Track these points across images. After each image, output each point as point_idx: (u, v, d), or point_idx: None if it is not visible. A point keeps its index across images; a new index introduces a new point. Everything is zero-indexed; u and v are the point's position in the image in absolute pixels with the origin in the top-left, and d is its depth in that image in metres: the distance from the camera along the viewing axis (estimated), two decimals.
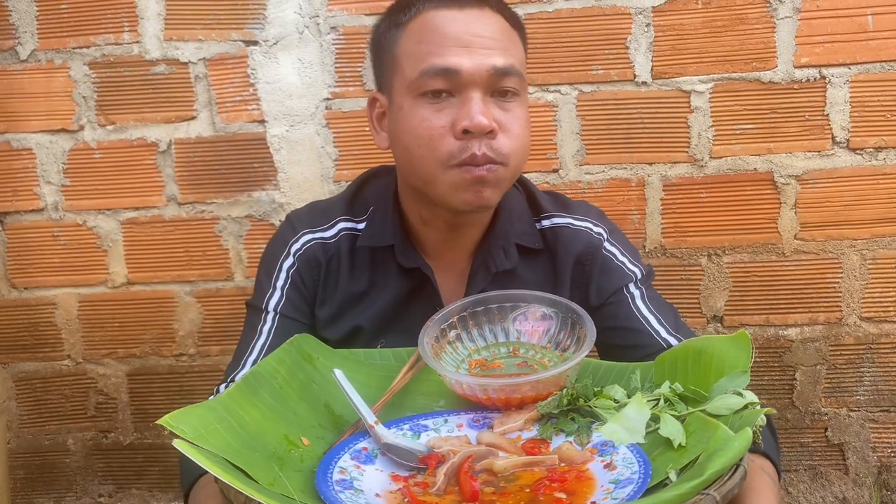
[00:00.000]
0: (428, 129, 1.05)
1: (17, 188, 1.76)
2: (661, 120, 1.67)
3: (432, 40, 1.05)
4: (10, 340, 1.81)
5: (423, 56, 1.05)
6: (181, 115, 1.72)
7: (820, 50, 1.62)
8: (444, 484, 0.80)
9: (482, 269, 1.15)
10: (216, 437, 0.80)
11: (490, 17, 1.07)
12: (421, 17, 1.07)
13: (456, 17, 1.05)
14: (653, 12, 1.63)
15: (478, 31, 1.05)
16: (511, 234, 1.17)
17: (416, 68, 1.05)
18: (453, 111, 1.05)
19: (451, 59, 1.03)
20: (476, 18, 1.06)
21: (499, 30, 1.07)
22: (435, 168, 1.06)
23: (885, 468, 1.75)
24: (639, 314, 1.15)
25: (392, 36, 1.10)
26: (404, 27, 1.09)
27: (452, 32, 1.05)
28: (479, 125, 1.03)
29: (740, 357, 0.88)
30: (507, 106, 1.07)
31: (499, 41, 1.06)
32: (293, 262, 1.19)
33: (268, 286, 1.20)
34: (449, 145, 1.04)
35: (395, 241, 1.16)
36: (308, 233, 1.20)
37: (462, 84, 1.04)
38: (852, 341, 1.72)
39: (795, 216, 1.68)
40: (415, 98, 1.06)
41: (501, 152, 1.05)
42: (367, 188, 1.24)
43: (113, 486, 1.86)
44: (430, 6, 1.07)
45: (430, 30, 1.06)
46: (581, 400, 0.91)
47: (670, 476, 0.77)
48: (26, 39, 1.70)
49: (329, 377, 0.99)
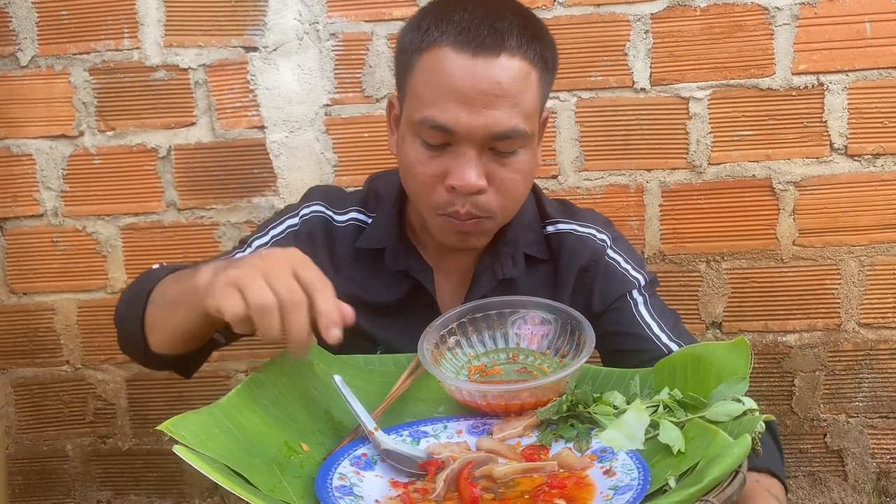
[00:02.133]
0: (421, 173, 1.05)
1: (17, 194, 1.76)
2: (660, 126, 1.67)
3: (436, 88, 1.01)
4: (9, 346, 1.81)
5: (424, 102, 1.02)
6: (181, 121, 1.72)
7: (818, 57, 1.63)
8: (443, 490, 0.80)
9: (487, 274, 1.15)
10: (216, 443, 0.80)
11: (505, 64, 1.00)
12: (434, 51, 1.02)
13: (466, 65, 1.00)
14: (651, 19, 1.64)
15: (484, 86, 1.00)
16: (520, 243, 1.17)
17: (418, 112, 1.03)
18: (446, 161, 1.03)
19: (448, 115, 1.00)
20: (487, 69, 1.00)
21: (511, 80, 1.01)
22: (425, 209, 1.09)
23: (883, 474, 1.75)
24: (641, 320, 1.15)
25: (408, 59, 1.06)
26: (419, 55, 1.04)
27: (457, 85, 1.00)
28: (466, 186, 1.02)
29: (739, 363, 0.88)
30: (505, 161, 1.04)
31: (506, 97, 1.01)
32: (297, 223, 1.19)
33: (261, 231, 1.20)
34: (437, 196, 1.05)
35: (386, 244, 1.17)
36: (323, 206, 1.20)
37: (457, 139, 1.02)
38: (851, 347, 1.72)
39: (794, 222, 1.69)
40: (414, 136, 1.05)
41: (487, 208, 1.05)
42: (377, 185, 1.24)
43: (111, 492, 1.86)
44: (446, 41, 1.01)
45: (437, 73, 1.01)
46: (580, 406, 0.91)
47: (669, 482, 0.77)
48: (27, 45, 1.71)
49: (328, 383, 0.99)
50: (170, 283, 1.03)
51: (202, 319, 0.93)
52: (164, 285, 1.04)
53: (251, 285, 0.81)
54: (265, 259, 0.85)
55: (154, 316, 1.03)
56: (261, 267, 0.83)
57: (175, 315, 0.99)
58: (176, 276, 1.04)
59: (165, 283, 1.04)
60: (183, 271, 1.04)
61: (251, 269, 0.83)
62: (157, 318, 1.03)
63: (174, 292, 1.00)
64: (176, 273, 1.06)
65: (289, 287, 0.82)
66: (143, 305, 1.04)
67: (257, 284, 0.81)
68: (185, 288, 0.96)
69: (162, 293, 1.03)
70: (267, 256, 0.86)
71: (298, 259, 0.85)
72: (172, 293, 1.01)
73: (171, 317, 1.00)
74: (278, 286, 0.81)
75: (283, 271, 0.83)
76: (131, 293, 1.09)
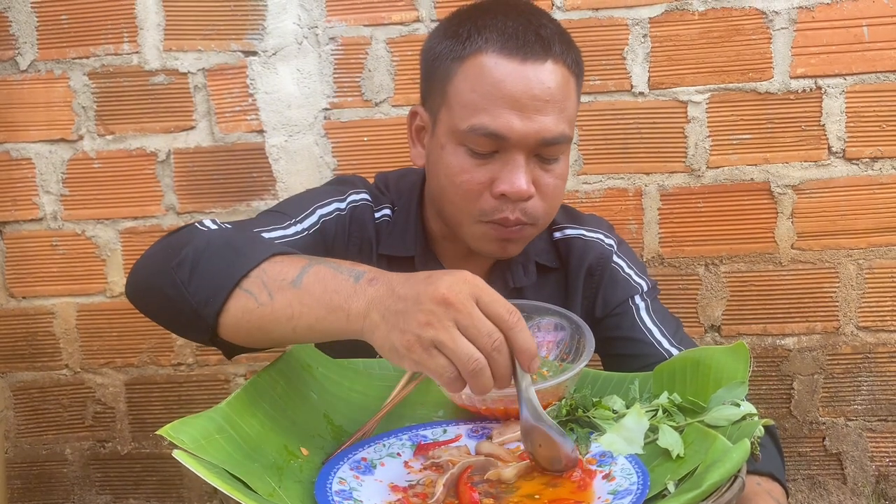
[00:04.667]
0: (466, 181, 1.03)
1: (17, 197, 1.76)
2: (658, 130, 1.67)
3: (486, 94, 1.01)
4: (8, 350, 1.81)
5: (474, 109, 1.01)
6: (180, 125, 1.72)
7: (816, 61, 1.63)
8: (443, 495, 0.80)
9: (499, 284, 1.15)
10: (216, 447, 0.80)
11: (551, 70, 1.01)
12: (480, 58, 1.01)
13: (515, 71, 1.00)
14: (650, 23, 1.64)
15: (535, 91, 1.00)
16: (531, 252, 1.17)
17: (466, 120, 1.02)
18: (494, 168, 1.03)
19: (500, 121, 1.00)
20: (536, 74, 1.00)
21: (558, 86, 1.02)
22: (465, 217, 1.06)
23: (882, 477, 1.75)
24: (642, 325, 1.16)
25: (447, 67, 1.05)
26: (461, 62, 1.03)
27: (509, 90, 1.00)
28: (518, 192, 1.01)
29: (738, 368, 0.88)
30: (549, 167, 1.05)
31: (556, 102, 1.01)
32: (344, 209, 1.14)
33: (307, 205, 1.12)
34: (483, 203, 1.04)
35: (415, 253, 1.15)
36: (368, 196, 1.17)
37: (508, 146, 1.01)
38: (849, 350, 1.72)
39: (792, 226, 1.69)
40: (458, 144, 1.04)
41: (534, 214, 1.05)
42: (391, 187, 1.21)
43: (111, 496, 1.86)
44: (492, 48, 1.01)
45: (485, 80, 1.01)
46: (580, 410, 0.91)
47: (668, 487, 0.77)
48: (26, 50, 1.71)
49: (328, 387, 0.99)
50: (287, 289, 0.83)
51: (336, 331, 0.80)
52: (275, 281, 0.84)
53: (454, 346, 0.71)
54: (449, 299, 0.72)
55: (253, 308, 0.84)
56: (452, 316, 0.72)
57: (297, 317, 0.82)
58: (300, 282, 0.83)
59: (274, 277, 0.84)
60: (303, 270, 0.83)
61: (442, 321, 0.72)
62: (259, 313, 0.84)
63: (304, 307, 0.81)
64: (283, 264, 0.85)
65: (489, 334, 0.72)
66: (230, 290, 0.85)
67: (461, 344, 0.71)
68: (329, 312, 0.80)
69: (273, 291, 0.83)
70: (448, 293, 0.72)
71: (479, 288, 0.74)
72: (299, 307, 0.82)
73: (288, 318, 0.83)
74: (479, 337, 0.72)
75: (475, 314, 0.72)
76: (202, 270, 0.88)
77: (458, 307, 0.72)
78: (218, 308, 0.85)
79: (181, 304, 0.88)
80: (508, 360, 0.74)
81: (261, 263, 0.85)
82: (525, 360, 0.74)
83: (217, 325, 0.87)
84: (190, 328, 0.90)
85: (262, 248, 0.88)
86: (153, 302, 0.94)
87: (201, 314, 0.86)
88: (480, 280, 0.75)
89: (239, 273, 0.85)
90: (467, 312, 0.72)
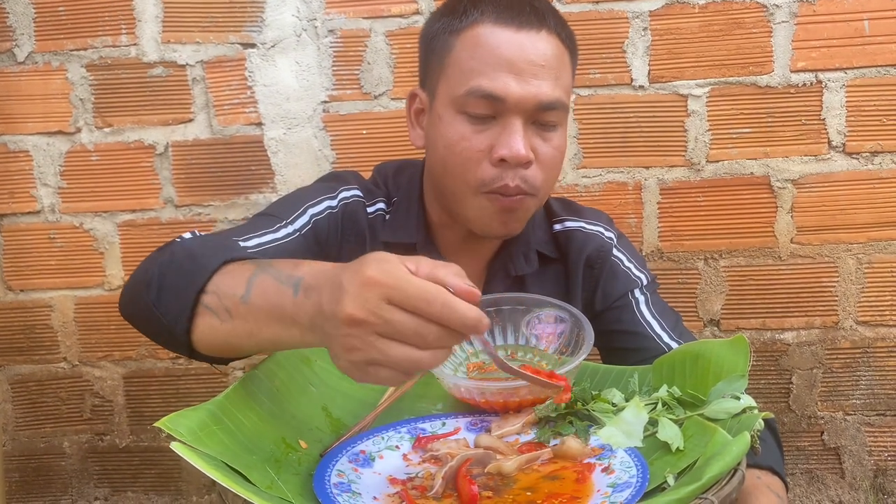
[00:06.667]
0: (465, 149, 1.04)
1: (14, 190, 1.75)
2: (658, 124, 1.67)
3: (483, 59, 1.03)
4: (6, 343, 1.81)
5: (471, 74, 1.03)
6: (178, 118, 1.72)
7: (816, 54, 1.63)
8: (441, 487, 0.80)
9: (501, 273, 1.15)
10: (214, 439, 0.80)
11: (546, 39, 1.04)
12: (476, 28, 1.04)
13: (511, 38, 1.02)
14: (650, 17, 1.64)
15: (531, 56, 1.02)
16: (532, 241, 1.17)
17: (463, 85, 1.04)
18: (493, 135, 1.03)
19: (498, 83, 1.01)
20: (532, 41, 1.03)
21: (553, 55, 1.04)
22: (465, 189, 1.06)
23: (881, 472, 1.76)
24: (642, 318, 1.15)
25: (444, 41, 1.07)
26: (458, 35, 1.06)
27: (505, 55, 1.02)
28: (517, 156, 1.01)
29: (738, 361, 0.88)
30: (546, 136, 1.05)
31: (551, 69, 1.03)
32: (336, 206, 1.14)
33: (298, 206, 1.12)
34: (483, 171, 1.04)
35: (417, 240, 1.15)
36: (359, 192, 1.17)
37: (506, 109, 1.02)
38: (848, 345, 1.72)
39: (792, 220, 1.69)
40: (456, 112, 1.05)
41: (534, 183, 1.05)
42: (388, 175, 1.22)
43: (109, 489, 1.86)
44: (488, 19, 1.04)
45: (482, 46, 1.03)
46: (579, 403, 0.91)
47: (668, 480, 0.77)
48: (24, 41, 1.70)
49: (327, 380, 0.99)
50: (239, 305, 0.82)
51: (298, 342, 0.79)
52: (228, 296, 0.83)
53: (387, 359, 0.68)
54: (356, 319, 0.68)
55: (217, 326, 0.85)
56: (369, 332, 0.68)
57: (257, 334, 0.81)
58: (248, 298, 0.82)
59: (227, 293, 0.84)
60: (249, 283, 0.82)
61: (363, 339, 0.68)
62: (224, 330, 0.84)
63: (259, 324, 0.81)
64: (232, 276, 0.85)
65: (416, 332, 0.68)
66: (192, 307, 0.86)
67: (392, 354, 0.68)
68: (283, 328, 0.78)
69: (229, 308, 0.83)
70: (355, 312, 0.68)
71: (389, 286, 0.68)
72: (255, 324, 0.81)
73: (249, 334, 0.82)
74: (408, 339, 0.68)
75: (393, 319, 0.67)
76: (166, 287, 0.89)
77: (371, 322, 0.68)
78: (186, 326, 0.86)
79: (157, 324, 0.89)
80: (450, 340, 0.69)
81: (213, 276, 0.85)
82: (469, 333, 0.70)
83: (191, 343, 0.88)
84: (173, 346, 0.91)
85: (216, 257, 0.87)
86: (138, 322, 0.96)
87: (174, 333, 0.87)
88: (390, 272, 0.68)
89: (195, 288, 0.85)
90: (384, 322, 0.67)
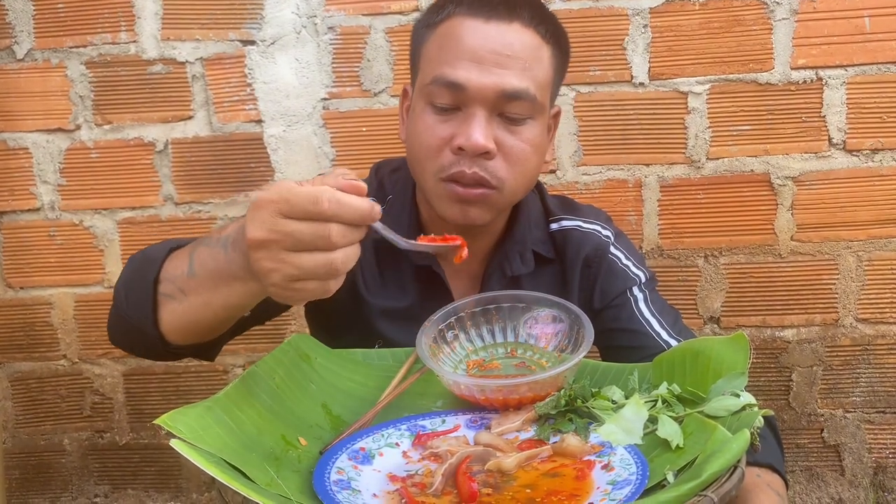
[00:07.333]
0: (429, 137, 1.05)
1: (14, 188, 1.75)
2: (659, 121, 1.67)
3: (449, 48, 1.03)
4: (6, 340, 1.81)
5: (437, 64, 1.04)
6: (178, 115, 1.71)
7: (817, 52, 1.63)
8: (441, 484, 0.80)
9: (497, 273, 1.15)
10: (213, 437, 0.80)
11: (517, 31, 1.03)
12: (449, 21, 1.05)
13: (478, 28, 1.02)
14: (650, 13, 1.63)
15: (496, 46, 1.01)
16: (528, 241, 1.17)
17: (430, 74, 1.05)
18: (455, 124, 1.03)
19: (459, 72, 1.01)
20: (500, 33, 1.02)
21: (523, 47, 1.03)
22: (428, 176, 1.07)
23: (880, 469, 1.76)
24: (641, 317, 1.15)
25: (422, 34, 1.09)
26: (434, 28, 1.07)
27: (469, 45, 1.02)
28: (473, 145, 1.01)
29: (738, 358, 0.88)
30: (515, 129, 1.05)
31: (519, 60, 1.02)
32: None
33: None
34: (443, 158, 1.04)
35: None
36: None
37: (467, 99, 1.02)
38: (848, 342, 1.72)
39: (792, 217, 1.68)
40: (425, 104, 1.05)
41: (496, 175, 1.04)
42: (383, 176, 1.22)
43: (109, 487, 1.86)
44: (460, 12, 1.04)
45: (451, 37, 1.04)
46: (579, 401, 0.90)
47: (668, 477, 0.77)
48: (23, 38, 1.70)
49: (326, 377, 0.99)
50: (187, 279, 0.89)
51: (247, 295, 0.85)
52: (177, 277, 0.91)
53: (303, 271, 0.74)
54: (258, 239, 0.74)
55: (176, 308, 0.91)
56: (276, 250, 0.74)
57: (211, 302, 0.88)
58: (193, 270, 0.89)
59: (175, 274, 0.91)
60: (191, 258, 0.90)
61: (274, 259, 0.74)
62: (182, 310, 0.91)
63: (208, 291, 0.87)
64: (177, 258, 0.92)
65: (319, 236, 0.72)
66: (152, 299, 0.92)
67: (306, 264, 0.73)
68: (229, 287, 0.85)
69: (182, 287, 0.90)
70: (255, 233, 0.74)
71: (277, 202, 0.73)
72: (205, 292, 0.88)
73: (204, 304, 0.88)
74: (315, 243, 0.73)
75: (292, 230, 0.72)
76: (129, 290, 0.97)
77: (273, 239, 0.73)
78: (153, 319, 0.92)
79: (132, 331, 0.96)
80: (352, 234, 0.75)
81: (162, 265, 0.92)
82: (365, 223, 0.76)
83: (163, 335, 0.93)
84: (153, 350, 0.97)
85: (162, 250, 0.94)
86: (122, 340, 1.02)
87: (144, 331, 0.93)
88: (276, 189, 0.74)
89: (149, 281, 0.92)
90: (283, 235, 0.73)
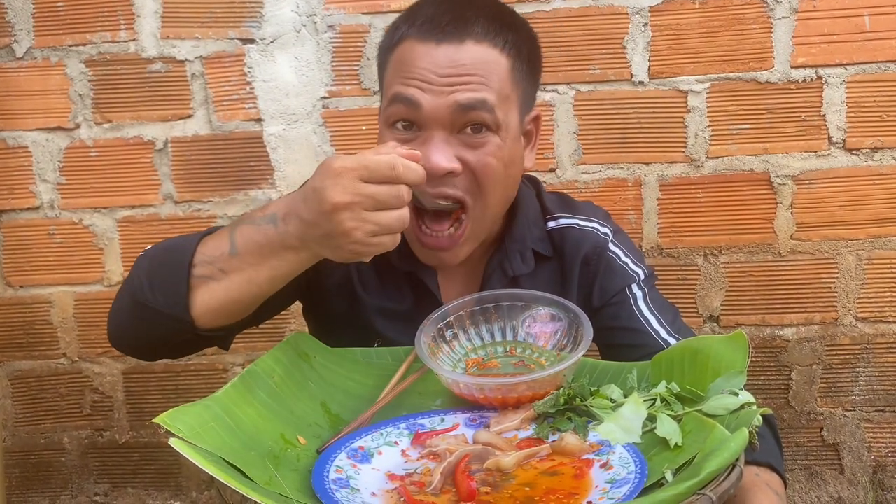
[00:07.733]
0: None
1: (13, 186, 1.75)
2: (658, 120, 1.67)
3: (401, 73, 1.04)
4: (6, 339, 1.81)
5: (390, 87, 1.05)
6: (178, 114, 1.71)
7: (817, 50, 1.63)
8: (440, 483, 0.80)
9: (497, 273, 1.14)
10: (212, 435, 0.80)
11: (469, 49, 1.02)
12: (402, 45, 1.05)
13: (428, 52, 1.02)
14: (650, 12, 1.63)
15: (446, 68, 1.01)
16: (528, 240, 1.16)
17: (386, 98, 1.06)
18: (415, 147, 1.02)
19: (412, 90, 1.02)
20: (449, 55, 1.02)
21: (475, 63, 1.02)
22: None
23: (880, 468, 1.76)
24: (640, 315, 1.15)
25: (383, 58, 1.10)
26: (391, 53, 1.07)
27: (418, 68, 1.02)
28: (433, 168, 0.99)
29: (737, 357, 0.88)
30: (478, 143, 1.03)
31: (473, 76, 1.02)
32: None
33: None
34: None
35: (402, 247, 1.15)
36: None
37: (424, 121, 1.02)
38: (848, 341, 1.72)
39: (792, 216, 1.68)
40: (386, 128, 1.06)
41: (467, 191, 1.04)
42: None
43: (108, 485, 1.86)
44: (412, 36, 1.04)
45: (403, 62, 1.04)
46: (578, 399, 0.91)
47: (666, 476, 0.77)
48: (22, 37, 1.70)
49: (326, 376, 0.99)
50: (229, 259, 0.94)
51: (297, 263, 0.92)
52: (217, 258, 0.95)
53: (381, 227, 0.86)
54: (341, 203, 0.85)
55: (216, 288, 0.94)
56: (358, 211, 0.85)
57: (254, 278, 0.93)
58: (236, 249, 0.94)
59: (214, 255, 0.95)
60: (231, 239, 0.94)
61: (356, 220, 0.85)
62: (222, 288, 0.94)
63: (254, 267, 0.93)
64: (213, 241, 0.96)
65: (394, 196, 0.86)
66: (186, 283, 0.94)
67: (384, 221, 0.86)
68: (279, 259, 0.92)
69: (222, 267, 0.94)
70: (337, 198, 0.85)
71: (356, 169, 0.85)
72: (250, 268, 0.93)
73: (248, 280, 0.93)
74: (389, 203, 0.86)
75: (373, 192, 0.85)
76: (155, 277, 0.98)
77: (357, 201, 0.85)
78: (186, 301, 0.94)
79: (156, 319, 0.96)
80: (409, 195, 0.88)
81: (196, 250, 0.96)
82: (421, 184, 0.91)
83: (193, 320, 0.95)
84: (174, 338, 0.98)
85: (192, 238, 0.99)
86: (133, 336, 1.03)
87: (176, 317, 0.95)
88: (352, 158, 0.86)
89: (184, 265, 0.95)
90: (366, 197, 0.85)
